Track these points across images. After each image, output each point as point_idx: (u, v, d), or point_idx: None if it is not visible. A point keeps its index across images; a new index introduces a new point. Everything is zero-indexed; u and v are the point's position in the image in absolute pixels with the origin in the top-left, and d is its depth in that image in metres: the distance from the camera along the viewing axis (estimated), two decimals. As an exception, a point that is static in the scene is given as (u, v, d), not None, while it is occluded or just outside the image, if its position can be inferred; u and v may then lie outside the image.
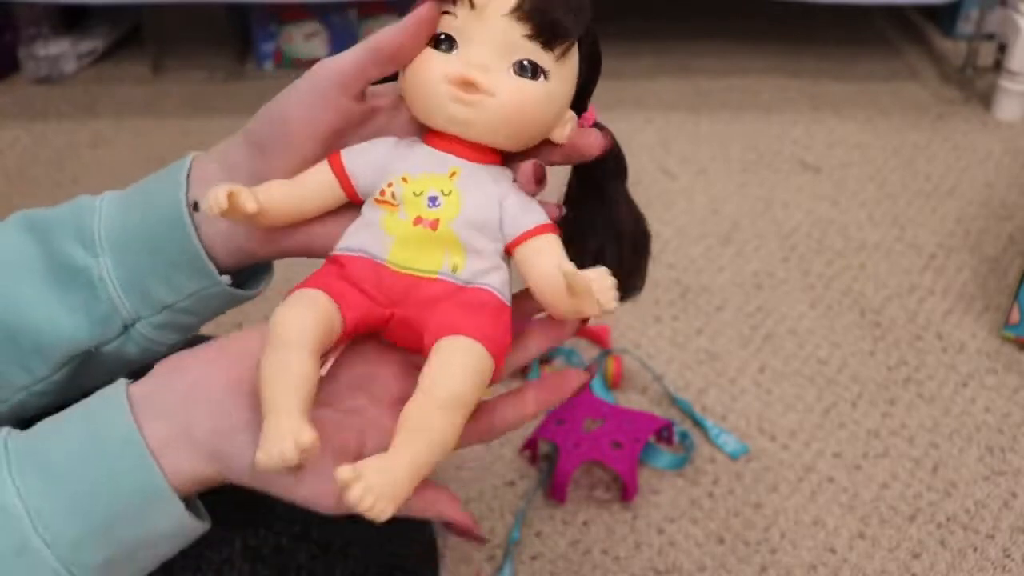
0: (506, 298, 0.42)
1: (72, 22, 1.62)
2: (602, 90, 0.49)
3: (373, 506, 0.36)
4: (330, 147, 0.44)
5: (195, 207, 0.46)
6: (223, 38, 1.62)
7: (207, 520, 0.44)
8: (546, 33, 0.40)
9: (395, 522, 0.58)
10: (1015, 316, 1.06)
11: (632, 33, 1.73)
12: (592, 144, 0.45)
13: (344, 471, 0.35)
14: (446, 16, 0.41)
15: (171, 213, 0.46)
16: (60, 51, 1.58)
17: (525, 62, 0.40)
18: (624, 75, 1.61)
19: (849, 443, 0.95)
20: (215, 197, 0.41)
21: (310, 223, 0.45)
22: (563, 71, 0.42)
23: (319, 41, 1.61)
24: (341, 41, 1.62)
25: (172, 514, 0.40)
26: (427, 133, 0.43)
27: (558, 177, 0.48)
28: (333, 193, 0.44)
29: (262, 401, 0.38)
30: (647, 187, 1.34)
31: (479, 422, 0.43)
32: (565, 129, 0.44)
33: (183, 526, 0.41)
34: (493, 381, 0.41)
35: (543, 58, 0.41)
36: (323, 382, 0.41)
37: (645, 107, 1.53)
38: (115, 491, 0.39)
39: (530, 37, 0.40)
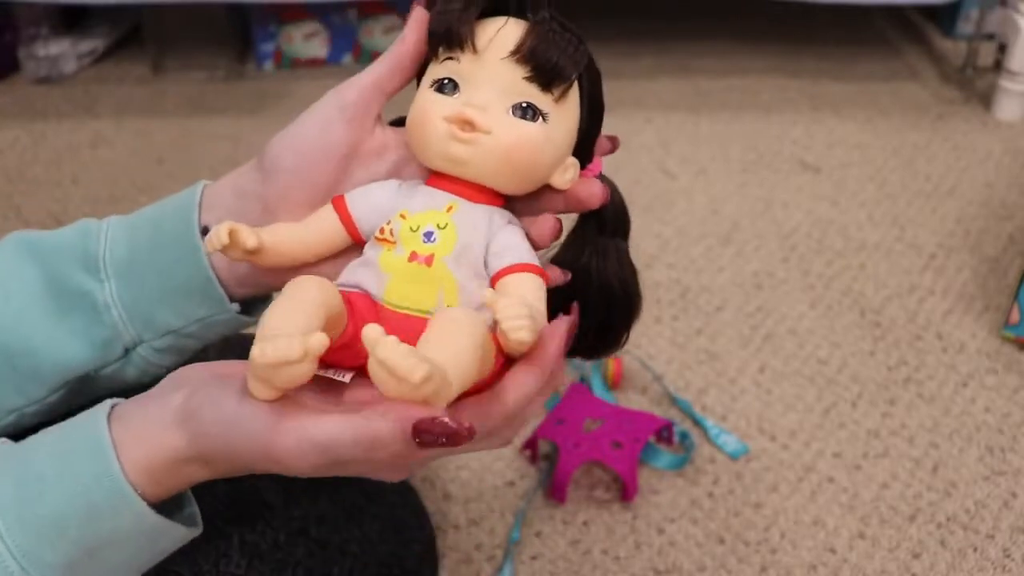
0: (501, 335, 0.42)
1: (72, 22, 1.62)
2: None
3: (400, 362, 0.34)
4: (341, 174, 0.45)
5: (204, 232, 0.46)
6: (223, 38, 1.62)
7: (195, 526, 0.43)
8: (544, 75, 0.41)
9: (394, 521, 0.58)
10: (1015, 316, 1.06)
11: (632, 33, 1.73)
12: (593, 195, 0.45)
13: (372, 328, 0.34)
14: (449, 61, 0.42)
15: (183, 238, 0.46)
16: (60, 51, 1.58)
17: (524, 104, 0.41)
18: (624, 75, 1.61)
19: (849, 443, 0.95)
20: (216, 233, 0.41)
21: (308, 265, 0.45)
22: (562, 114, 0.43)
23: (319, 41, 1.61)
24: (341, 41, 1.62)
25: (132, 511, 0.39)
26: (430, 176, 0.44)
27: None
28: (337, 235, 0.44)
29: (267, 320, 0.37)
30: (647, 187, 1.34)
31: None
32: (566, 175, 0.44)
33: (148, 526, 0.40)
34: (490, 380, 0.39)
35: (542, 100, 0.42)
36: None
37: (645, 107, 1.53)
38: (71, 486, 0.39)
39: (529, 79, 0.41)
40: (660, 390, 1.01)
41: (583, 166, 0.45)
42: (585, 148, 0.45)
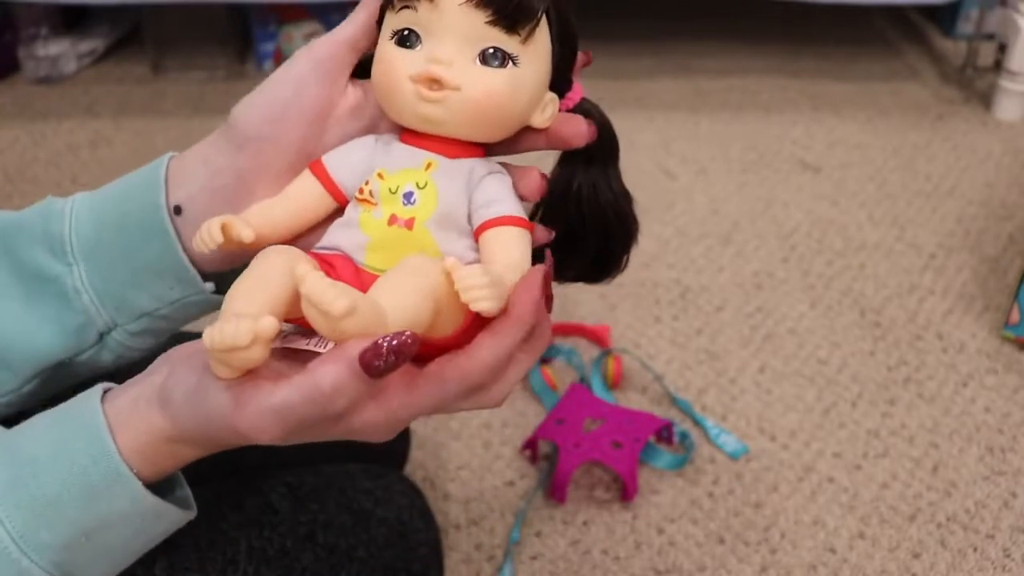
0: None
1: (72, 22, 1.62)
2: (603, 90, 0.49)
3: (325, 292, 0.33)
4: (317, 136, 0.43)
5: (176, 211, 0.44)
6: (223, 38, 1.62)
7: (189, 509, 0.42)
8: (507, 16, 0.39)
9: (401, 525, 0.58)
10: (1015, 316, 1.06)
11: (632, 33, 1.73)
12: (577, 133, 0.42)
13: (301, 265, 0.34)
14: (406, 11, 0.40)
15: (151, 219, 0.44)
16: (60, 51, 1.58)
17: (490, 50, 0.39)
18: (624, 75, 1.61)
19: (849, 443, 0.95)
20: (208, 232, 0.40)
21: (307, 231, 0.44)
22: (532, 54, 0.40)
23: (319, 41, 1.61)
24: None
25: (129, 491, 0.39)
26: (403, 132, 0.42)
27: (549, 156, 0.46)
28: (322, 202, 0.43)
29: (226, 309, 0.36)
30: (647, 187, 1.34)
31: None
32: (545, 113, 0.42)
33: (145, 507, 0.39)
34: (469, 334, 0.38)
35: (508, 43, 0.39)
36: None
37: (645, 107, 1.53)
38: (67, 467, 0.38)
39: (492, 23, 0.39)
40: (660, 390, 1.01)
41: (562, 96, 0.43)
42: (561, 79, 0.43)
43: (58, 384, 0.48)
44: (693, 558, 0.84)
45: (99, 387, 0.41)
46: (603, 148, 0.44)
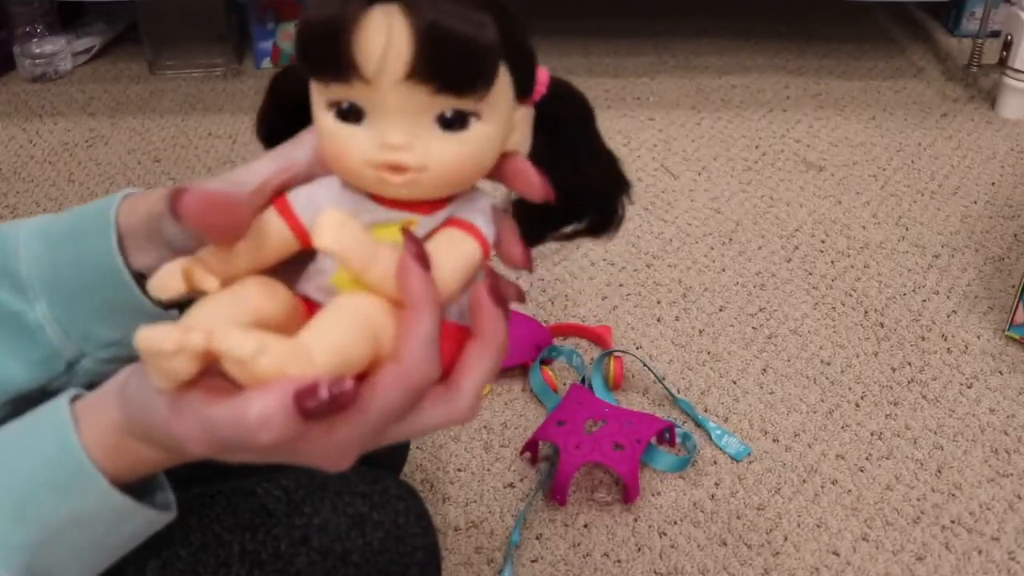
0: (465, 321, 0.39)
1: (68, 20, 1.61)
2: (604, 88, 0.48)
3: (230, 335, 0.31)
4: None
5: (140, 277, 0.43)
6: (220, 36, 1.61)
7: (166, 509, 0.41)
8: (454, 87, 0.34)
9: (397, 529, 0.57)
10: (1020, 316, 1.05)
11: (633, 31, 1.72)
12: (531, 186, 0.39)
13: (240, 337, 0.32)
14: (336, 84, 0.35)
15: (105, 262, 0.43)
16: (56, 49, 1.57)
17: (448, 113, 0.35)
18: (625, 73, 1.60)
19: (852, 445, 0.94)
20: (169, 278, 0.37)
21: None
22: (493, 100, 0.36)
23: (318, 39, 1.60)
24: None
25: (95, 488, 0.38)
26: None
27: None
28: (288, 244, 0.39)
29: (192, 310, 0.36)
30: (649, 186, 1.33)
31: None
32: (519, 133, 0.39)
33: (113, 505, 0.38)
34: (446, 367, 0.37)
35: (464, 103, 0.35)
36: None
37: (646, 106, 1.52)
38: (32, 463, 0.38)
39: (438, 93, 0.34)
40: (662, 391, 1.00)
41: (528, 94, 0.39)
42: (525, 85, 0.39)
43: (33, 408, 0.48)
44: (695, 561, 0.83)
45: (72, 390, 0.40)
46: (580, 120, 0.42)
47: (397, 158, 0.35)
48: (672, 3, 1.81)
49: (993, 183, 1.35)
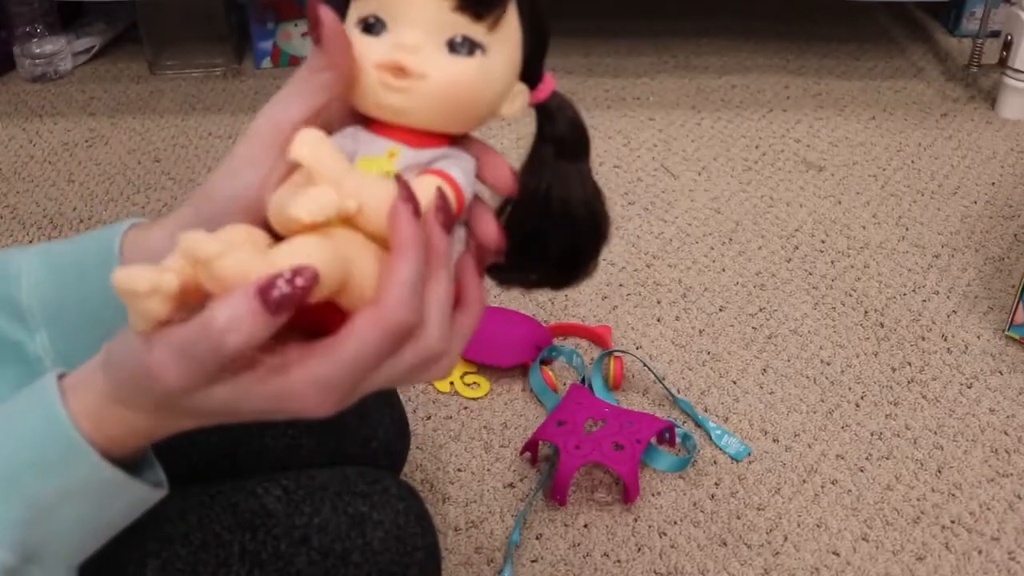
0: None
1: (68, 20, 1.61)
2: (604, 88, 0.48)
3: (193, 245, 0.32)
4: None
5: None
6: (220, 36, 1.61)
7: (158, 487, 0.41)
8: (474, 3, 0.38)
9: (397, 529, 0.57)
10: (1020, 316, 1.05)
11: (633, 31, 1.72)
12: (500, 183, 0.41)
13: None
14: None
15: (107, 294, 0.42)
16: (56, 49, 1.57)
17: (458, 39, 0.38)
18: (625, 73, 1.60)
19: (852, 445, 0.94)
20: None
21: None
22: (501, 42, 0.39)
23: (318, 39, 1.60)
24: (340, 39, 1.61)
25: (85, 461, 0.38)
26: (370, 121, 0.41)
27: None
28: None
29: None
30: (649, 186, 1.33)
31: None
32: (515, 104, 0.41)
33: (103, 478, 0.38)
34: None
35: (476, 31, 0.38)
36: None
37: (646, 105, 1.52)
38: (20, 439, 0.38)
39: (458, 10, 0.38)
40: (662, 391, 1.00)
41: (533, 87, 0.42)
42: (531, 70, 0.41)
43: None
44: (695, 561, 0.83)
45: (58, 369, 0.40)
46: (573, 141, 0.43)
47: (402, 58, 0.37)
48: (672, 3, 1.81)
49: (993, 183, 1.35)
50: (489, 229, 0.41)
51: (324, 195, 0.35)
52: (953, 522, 0.87)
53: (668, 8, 1.79)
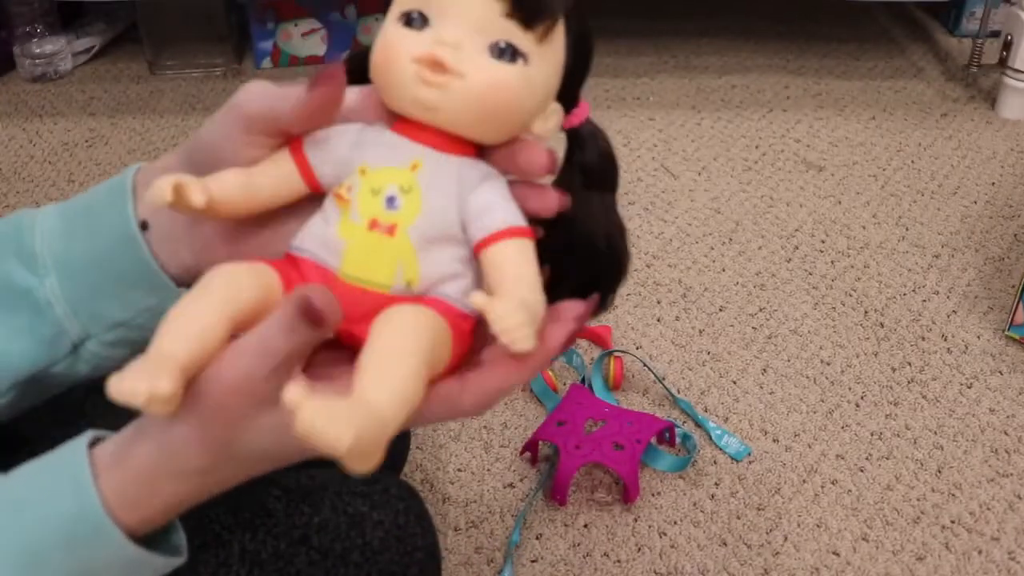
0: (468, 306, 0.38)
1: (68, 20, 1.61)
2: (603, 88, 0.47)
3: (326, 431, 0.31)
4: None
5: (143, 226, 0.43)
6: (220, 36, 1.61)
7: (178, 555, 0.41)
8: (526, 10, 0.36)
9: (397, 528, 0.57)
10: (1020, 316, 1.05)
11: (633, 31, 1.72)
12: (534, 163, 0.39)
13: (293, 390, 0.32)
14: None
15: (121, 230, 0.43)
16: (56, 49, 1.57)
17: (502, 44, 0.37)
18: (625, 73, 1.60)
19: (853, 445, 0.94)
20: (159, 188, 0.38)
21: (264, 228, 0.42)
22: (545, 55, 0.38)
23: (317, 39, 1.60)
24: (339, 39, 1.61)
25: (111, 542, 0.38)
26: (396, 120, 0.40)
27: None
28: (295, 184, 0.40)
29: (153, 340, 0.36)
30: (649, 186, 1.33)
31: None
32: (548, 123, 0.39)
33: (128, 557, 0.38)
34: (453, 364, 0.37)
35: (523, 40, 0.37)
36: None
37: (646, 105, 1.52)
38: (49, 513, 0.38)
39: (509, 15, 0.36)
40: (662, 391, 1.00)
41: (567, 110, 0.41)
42: (570, 92, 0.40)
43: (37, 395, 0.47)
44: (695, 561, 0.83)
45: (89, 432, 0.40)
46: (601, 171, 0.42)
47: (443, 54, 0.36)
48: (672, 3, 1.81)
49: (993, 183, 1.35)
50: (548, 198, 0.40)
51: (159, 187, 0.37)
52: (953, 522, 0.87)
53: (668, 8, 1.79)
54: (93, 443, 0.40)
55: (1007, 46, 1.46)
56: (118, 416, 0.39)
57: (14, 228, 0.45)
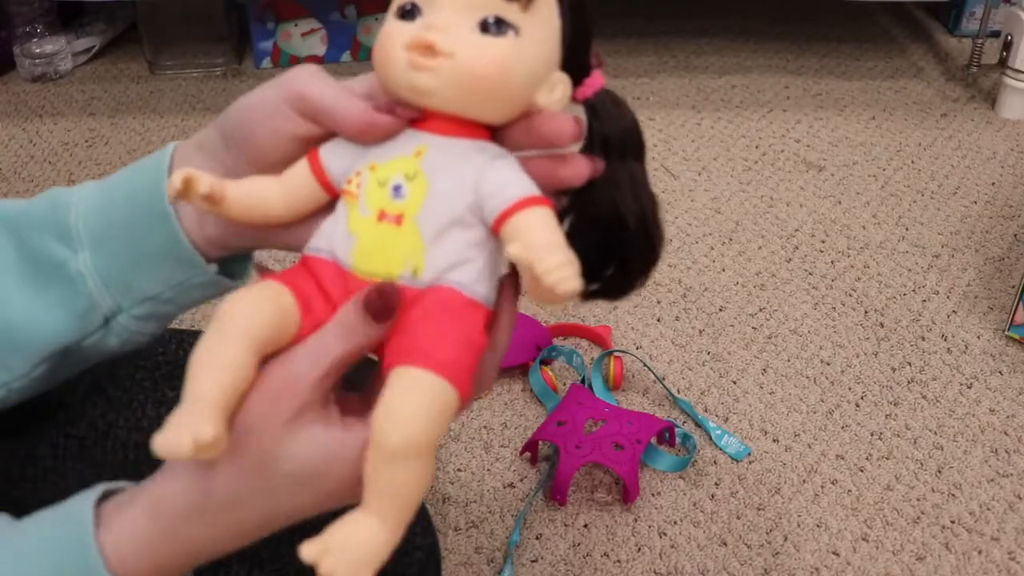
0: (478, 292, 0.38)
1: (68, 20, 1.61)
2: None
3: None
4: (299, 151, 0.42)
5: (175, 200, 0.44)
6: (220, 36, 1.61)
7: None
8: None
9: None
10: (1020, 316, 1.05)
11: (634, 31, 1.72)
12: (560, 131, 0.39)
13: (309, 548, 0.34)
14: None
15: (154, 204, 0.44)
16: (56, 49, 1.57)
17: (490, 19, 0.37)
18: (626, 73, 1.60)
19: (852, 445, 0.94)
20: (171, 180, 0.39)
21: (298, 220, 0.43)
22: (536, 25, 0.38)
23: (317, 39, 1.60)
24: (339, 39, 1.61)
25: None
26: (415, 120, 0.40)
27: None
28: (312, 191, 0.41)
29: (185, 388, 0.36)
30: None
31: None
32: (554, 93, 0.39)
33: None
34: (463, 406, 0.37)
35: (509, 11, 0.37)
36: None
37: (646, 105, 1.52)
38: (47, 563, 0.38)
39: None
40: (662, 391, 1.00)
41: (578, 81, 0.40)
42: (575, 61, 0.40)
43: (68, 369, 0.48)
44: (695, 561, 0.83)
45: (100, 487, 0.41)
46: (622, 140, 0.41)
47: (431, 36, 0.37)
48: (672, 3, 1.81)
49: (993, 183, 1.35)
50: (579, 167, 0.40)
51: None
52: (953, 522, 0.87)
53: (668, 8, 1.79)
54: (105, 496, 0.40)
55: (1007, 46, 1.46)
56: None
57: (50, 203, 0.46)
